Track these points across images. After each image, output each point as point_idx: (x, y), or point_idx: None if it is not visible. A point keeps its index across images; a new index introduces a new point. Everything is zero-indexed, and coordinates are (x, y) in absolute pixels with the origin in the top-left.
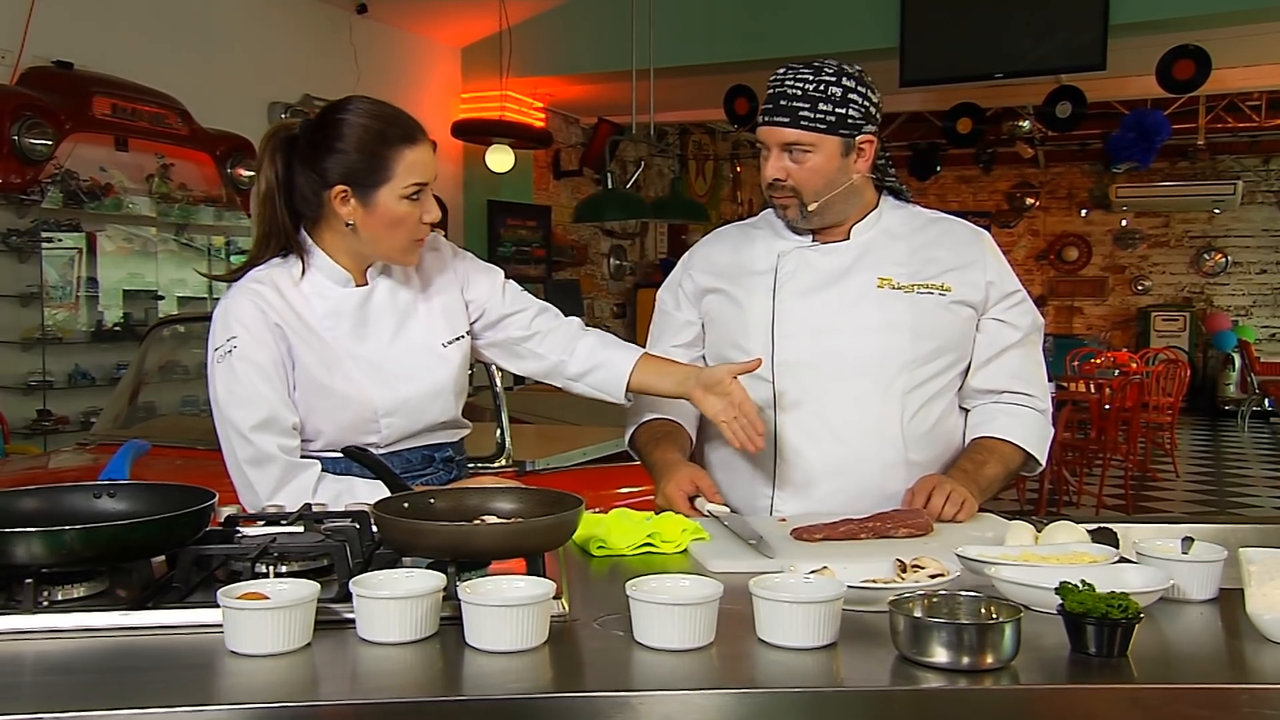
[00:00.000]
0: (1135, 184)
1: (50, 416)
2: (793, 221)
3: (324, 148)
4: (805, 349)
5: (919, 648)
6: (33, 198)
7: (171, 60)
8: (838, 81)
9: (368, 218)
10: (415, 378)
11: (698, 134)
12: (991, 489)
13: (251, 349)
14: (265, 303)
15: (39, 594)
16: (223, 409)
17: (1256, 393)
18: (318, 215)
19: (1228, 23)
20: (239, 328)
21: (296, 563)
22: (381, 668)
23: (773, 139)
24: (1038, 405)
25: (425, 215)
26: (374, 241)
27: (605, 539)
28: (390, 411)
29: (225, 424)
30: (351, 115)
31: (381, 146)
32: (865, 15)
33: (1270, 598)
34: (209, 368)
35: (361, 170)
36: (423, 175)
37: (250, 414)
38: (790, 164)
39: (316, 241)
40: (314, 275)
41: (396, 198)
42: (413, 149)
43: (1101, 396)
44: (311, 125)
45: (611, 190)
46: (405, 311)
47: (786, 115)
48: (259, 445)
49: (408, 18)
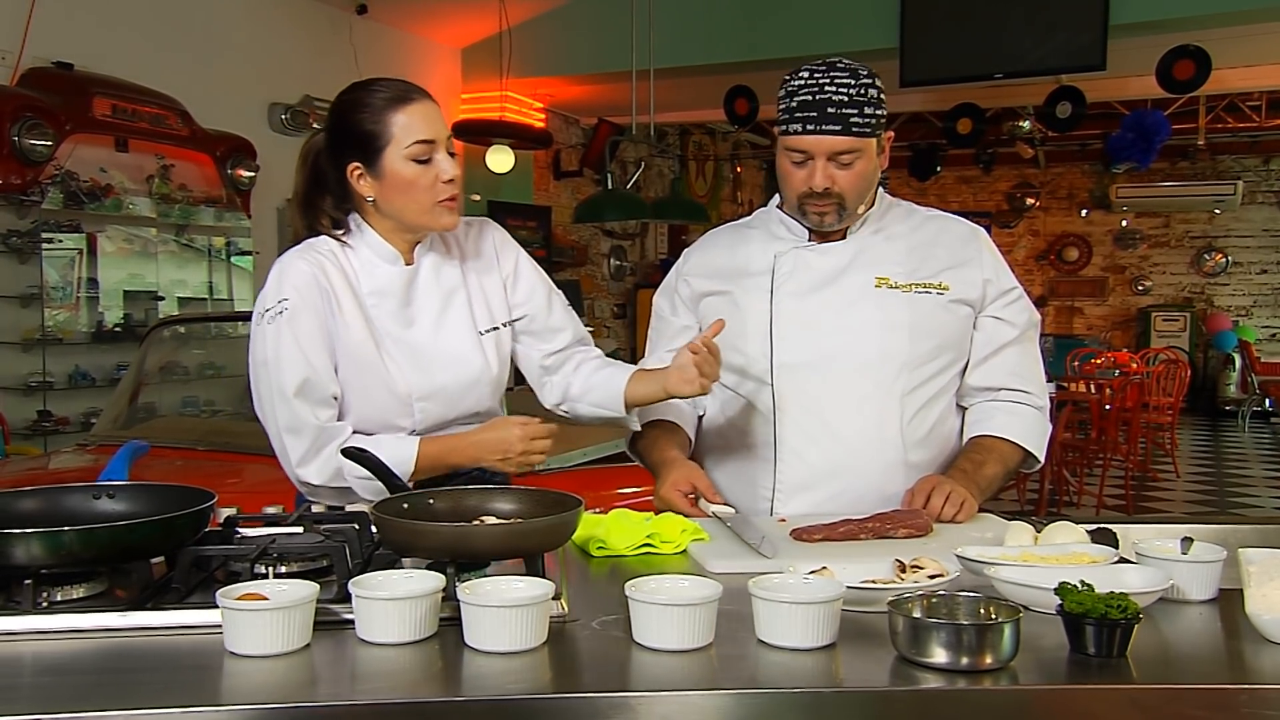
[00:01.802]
0: (1135, 184)
1: (50, 417)
2: (827, 226)
3: (331, 136)
4: (804, 350)
5: (918, 648)
6: (33, 198)
7: (172, 61)
8: (872, 83)
9: (383, 187)
10: (452, 365)
11: (698, 134)
12: (991, 488)
13: (302, 313)
14: (321, 271)
15: (38, 595)
16: (269, 370)
17: (1257, 393)
18: (351, 203)
19: (1228, 23)
20: (292, 291)
21: (296, 563)
22: (381, 668)
23: (820, 148)
24: (1035, 402)
25: (441, 174)
26: (398, 212)
27: (605, 539)
28: (425, 396)
29: (268, 386)
30: (344, 95)
31: (371, 113)
32: (865, 16)
33: (1270, 598)
34: (255, 327)
35: (361, 141)
36: (424, 133)
37: (292, 377)
38: (836, 171)
39: (366, 223)
40: (365, 252)
41: (402, 160)
42: (405, 108)
43: (1102, 397)
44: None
45: (612, 191)
46: (448, 295)
47: (838, 123)
48: (297, 411)
49: (408, 18)
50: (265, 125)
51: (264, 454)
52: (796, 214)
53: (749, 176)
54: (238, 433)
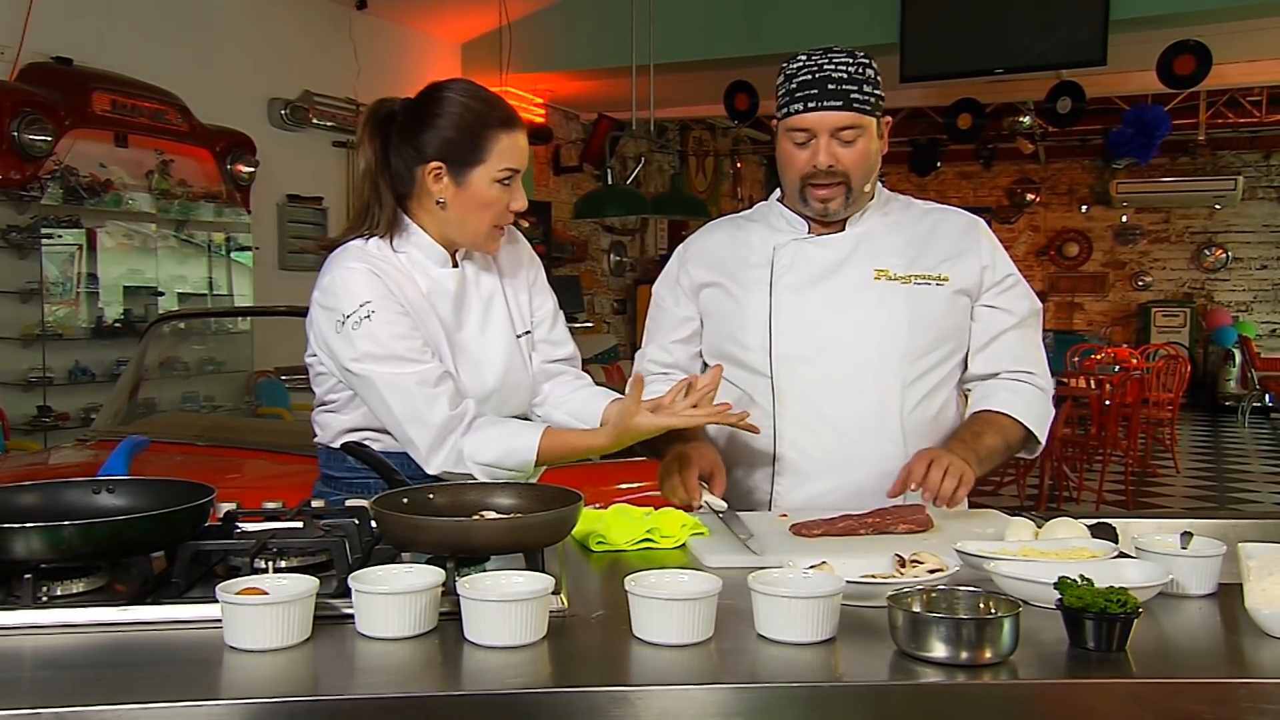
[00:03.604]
0: (1136, 180)
1: (50, 413)
2: (832, 214)
3: (423, 123)
4: (803, 343)
5: (918, 643)
6: (32, 194)
7: (171, 56)
8: (869, 64)
9: (459, 196)
10: (499, 367)
11: (698, 130)
12: (990, 460)
13: (389, 310)
14: (384, 275)
15: (38, 589)
16: (379, 366)
17: (1257, 388)
18: (409, 192)
19: (1228, 18)
20: (368, 292)
21: (295, 558)
22: (380, 663)
23: (823, 125)
24: (1038, 383)
25: (514, 203)
26: (460, 222)
27: (604, 534)
28: (480, 399)
29: (375, 385)
30: (453, 94)
31: (480, 127)
32: (865, 11)
33: (1269, 593)
34: (337, 335)
35: (458, 148)
36: (516, 161)
37: (402, 370)
38: (840, 149)
39: (412, 220)
40: (413, 253)
41: (489, 180)
42: (509, 134)
43: (1102, 392)
44: (412, 102)
45: (611, 186)
46: (489, 299)
47: (838, 99)
48: (414, 402)
49: (407, 13)
50: (265, 120)
51: (263, 449)
52: (799, 201)
53: (749, 172)
54: (237, 428)
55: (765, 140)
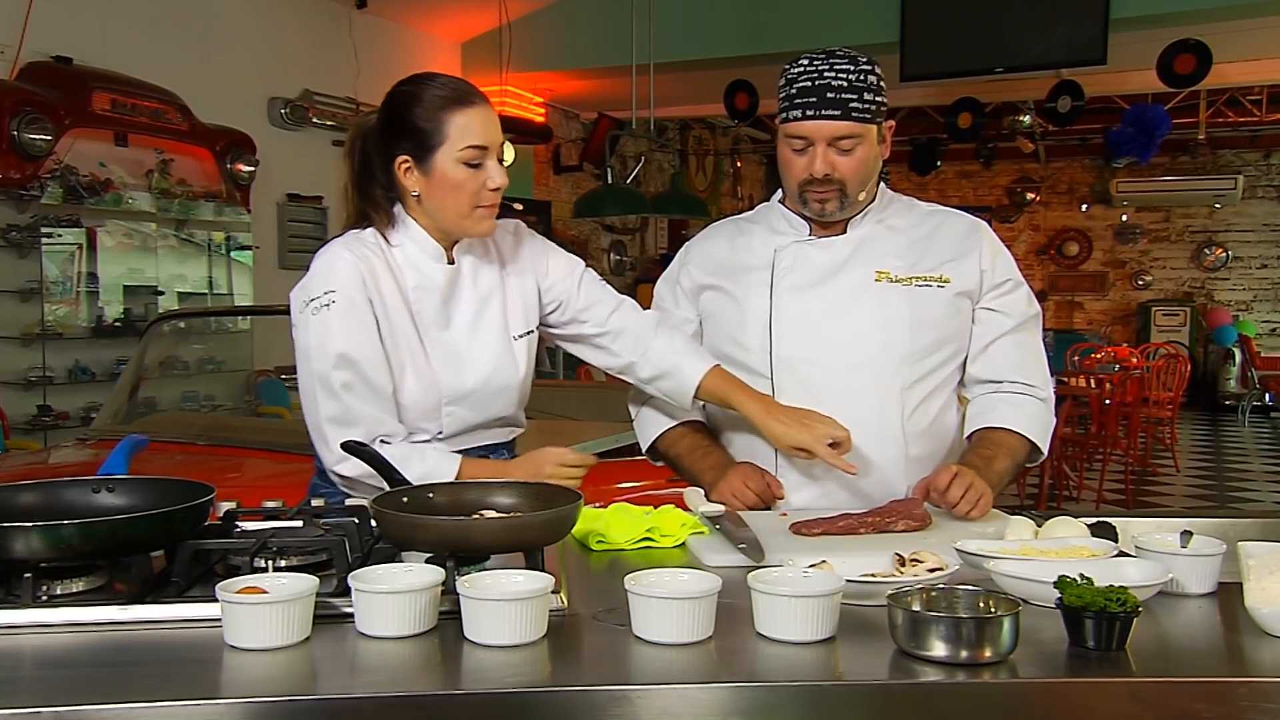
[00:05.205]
0: (1136, 179)
1: (50, 412)
2: (829, 216)
3: (385, 124)
4: (803, 345)
5: (917, 642)
6: (32, 193)
7: (171, 55)
8: (871, 69)
9: (430, 184)
10: (485, 368)
11: (698, 129)
12: (1001, 484)
13: (349, 304)
14: (367, 267)
15: (38, 589)
16: (310, 359)
17: (1257, 388)
18: (396, 194)
19: (1228, 17)
20: (339, 282)
21: (295, 557)
22: (380, 662)
23: (820, 134)
24: (1039, 394)
25: (490, 181)
26: (439, 210)
27: (604, 533)
28: (456, 400)
29: (309, 375)
30: (404, 86)
31: (432, 110)
32: (866, 10)
33: (1269, 592)
34: (298, 315)
35: (417, 135)
36: (479, 138)
37: (338, 367)
38: (837, 157)
39: (409, 217)
40: (409, 247)
41: (454, 161)
42: (464, 110)
43: (1102, 391)
44: (379, 110)
45: (612, 185)
46: (485, 297)
47: (837, 108)
48: (344, 402)
49: (407, 13)
50: (265, 120)
51: (263, 448)
52: (798, 204)
53: (749, 171)
54: (237, 427)
55: (765, 139)
